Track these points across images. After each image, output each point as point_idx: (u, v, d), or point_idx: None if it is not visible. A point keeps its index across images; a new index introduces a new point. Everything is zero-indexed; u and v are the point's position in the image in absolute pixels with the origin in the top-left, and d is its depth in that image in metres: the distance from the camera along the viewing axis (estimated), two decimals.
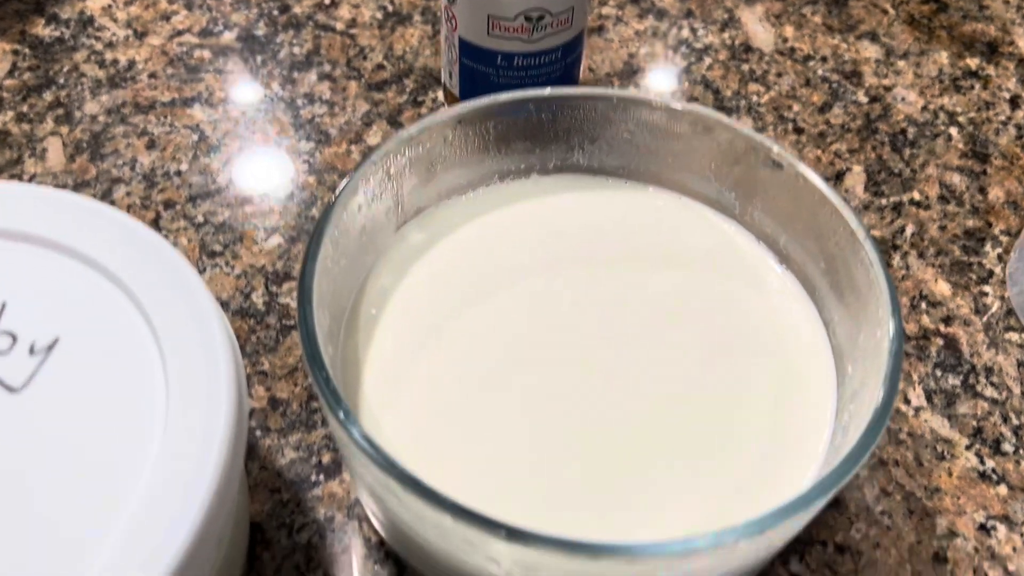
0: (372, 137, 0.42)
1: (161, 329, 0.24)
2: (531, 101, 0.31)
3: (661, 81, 0.46)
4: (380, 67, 0.46)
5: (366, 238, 0.30)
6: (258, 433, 0.31)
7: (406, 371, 0.28)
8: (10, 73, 0.44)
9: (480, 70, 0.39)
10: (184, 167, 0.40)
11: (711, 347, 0.29)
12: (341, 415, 0.23)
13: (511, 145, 0.32)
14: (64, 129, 0.41)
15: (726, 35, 0.49)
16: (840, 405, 0.27)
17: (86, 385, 0.23)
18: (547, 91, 0.31)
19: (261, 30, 0.47)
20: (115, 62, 0.45)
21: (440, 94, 0.44)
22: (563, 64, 0.39)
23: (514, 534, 0.20)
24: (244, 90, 0.44)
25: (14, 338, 0.24)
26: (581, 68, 0.41)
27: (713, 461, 0.26)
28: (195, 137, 0.42)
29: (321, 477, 0.30)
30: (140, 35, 0.46)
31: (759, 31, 0.49)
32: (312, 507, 0.30)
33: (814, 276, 0.30)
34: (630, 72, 0.47)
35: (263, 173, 0.40)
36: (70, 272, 0.25)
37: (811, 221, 0.29)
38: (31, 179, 0.39)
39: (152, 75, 0.44)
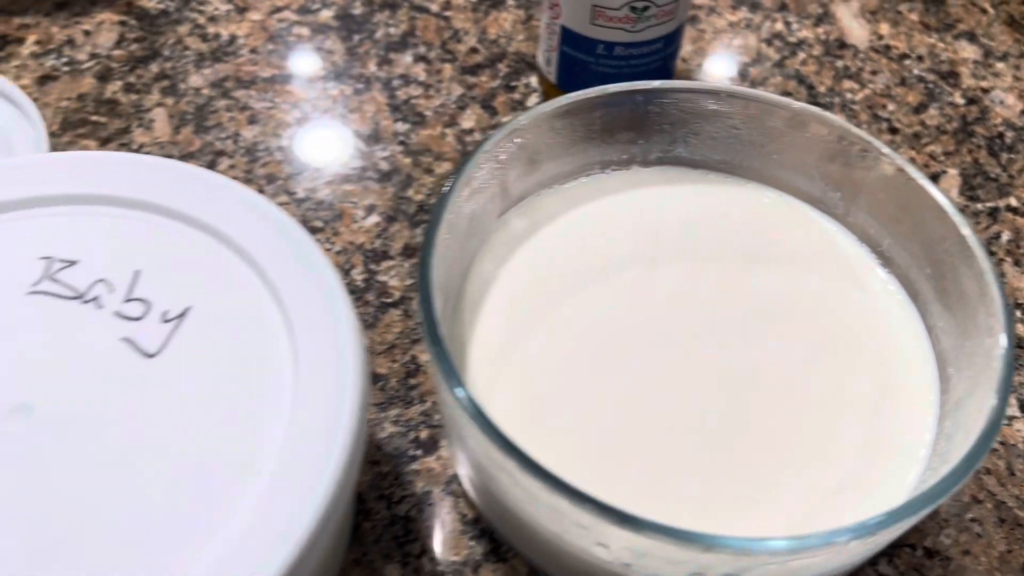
0: (466, 121, 0.43)
1: (289, 302, 0.25)
2: (639, 93, 0.32)
3: (754, 74, 0.46)
4: (474, 51, 0.46)
5: (473, 223, 0.30)
6: None
7: (509, 356, 0.29)
8: (117, 44, 0.45)
9: (580, 58, 0.39)
10: (285, 143, 0.41)
11: (813, 346, 0.29)
12: (460, 393, 0.23)
13: (615, 136, 0.33)
14: (169, 101, 0.43)
15: (820, 30, 0.48)
16: (943, 412, 0.27)
17: (216, 353, 0.24)
18: (656, 84, 0.32)
19: (358, 9, 0.48)
20: (217, 36, 0.46)
21: (533, 80, 0.45)
22: (663, 55, 0.39)
23: (631, 521, 0.21)
24: (342, 69, 0.45)
25: (148, 306, 0.25)
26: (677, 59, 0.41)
27: (814, 459, 0.27)
28: (296, 113, 0.42)
29: (419, 452, 0.31)
30: (241, 10, 0.47)
31: (854, 27, 0.49)
32: (410, 481, 0.31)
33: (918, 280, 0.30)
34: (722, 64, 0.46)
35: (361, 152, 0.41)
36: (199, 244, 0.26)
37: (918, 225, 0.29)
38: (138, 149, 0.40)
39: (253, 50, 0.45)
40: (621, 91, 0.31)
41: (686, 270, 0.31)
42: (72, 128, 0.41)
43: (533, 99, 0.44)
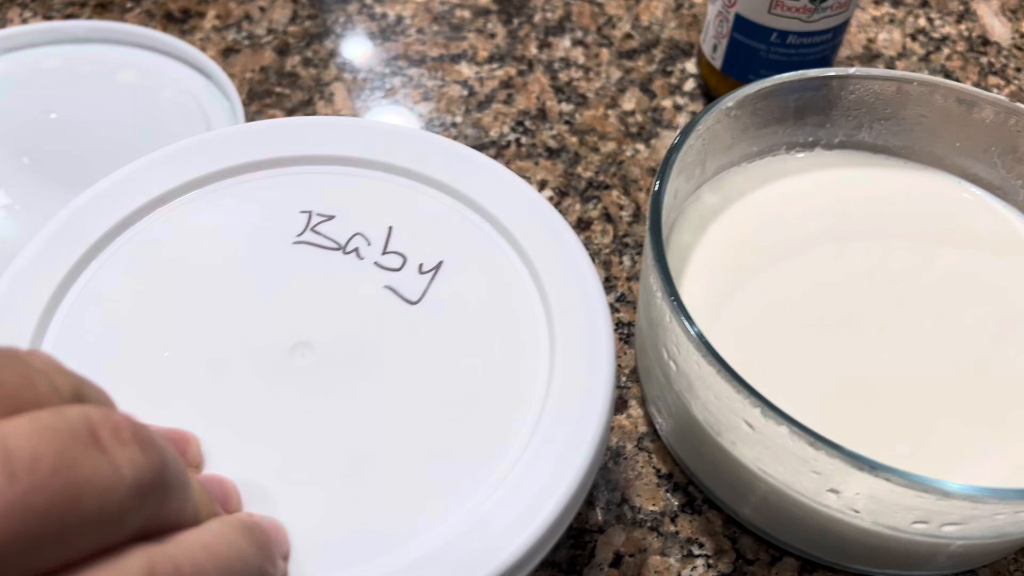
0: (627, 103, 0.44)
1: (533, 258, 0.27)
2: (836, 79, 0.33)
3: (903, 68, 0.47)
4: (628, 36, 0.48)
5: (675, 198, 0.32)
6: None
7: (714, 321, 0.30)
8: (292, 20, 0.48)
9: (751, 46, 0.40)
10: (459, 119, 0.43)
11: (1001, 322, 0.31)
12: (704, 345, 0.25)
13: (805, 118, 0.34)
14: (347, 75, 0.45)
15: (963, 26, 0.50)
16: None
17: (472, 303, 0.26)
18: (852, 70, 0.33)
19: None
20: (384, 16, 0.48)
21: (688, 66, 0.46)
22: (831, 45, 0.41)
23: (879, 468, 0.23)
24: (505, 50, 0.47)
25: (404, 258, 0.27)
26: None
27: (1010, 424, 0.28)
28: (465, 92, 0.45)
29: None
30: None
31: (996, 24, 0.50)
32: None
33: None
34: (869, 57, 0.48)
35: (528, 130, 0.43)
36: (443, 204, 0.29)
37: None
38: None
39: (420, 31, 0.48)
40: (819, 76, 0.33)
41: (874, 248, 0.33)
42: (259, 98, 0.44)
43: (690, 84, 0.46)
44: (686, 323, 0.26)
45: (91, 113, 0.42)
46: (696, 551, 0.30)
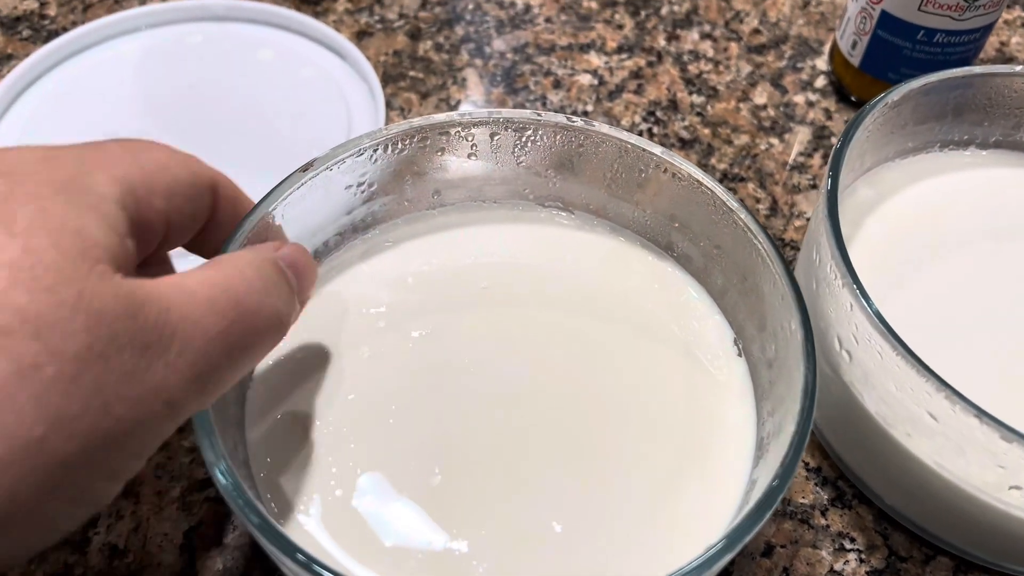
0: (758, 97, 0.44)
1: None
2: (999, 76, 0.33)
3: None
4: (756, 31, 0.48)
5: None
6: None
7: None
8: (422, 6, 0.48)
9: (895, 43, 0.40)
10: (590, 108, 0.44)
11: None
12: (901, 346, 0.25)
13: (963, 116, 0.34)
14: (478, 62, 0.46)
15: None
16: None
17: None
18: (1018, 68, 0.33)
19: None
20: (512, 4, 0.49)
21: (819, 63, 0.46)
22: (976, 45, 0.40)
23: None
24: (633, 41, 0.47)
25: None
26: None
27: None
28: (595, 81, 0.45)
29: None
30: None
31: None
32: None
33: None
34: (1002, 60, 0.47)
35: (660, 120, 0.43)
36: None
37: None
38: (455, 105, 0.43)
39: (548, 20, 0.48)
40: (985, 73, 0.33)
41: None
42: (393, 81, 0.44)
43: (820, 81, 0.45)
44: (870, 311, 0.26)
45: (235, 89, 0.43)
46: (848, 545, 0.30)
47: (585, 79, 0.45)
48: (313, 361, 0.27)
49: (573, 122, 0.29)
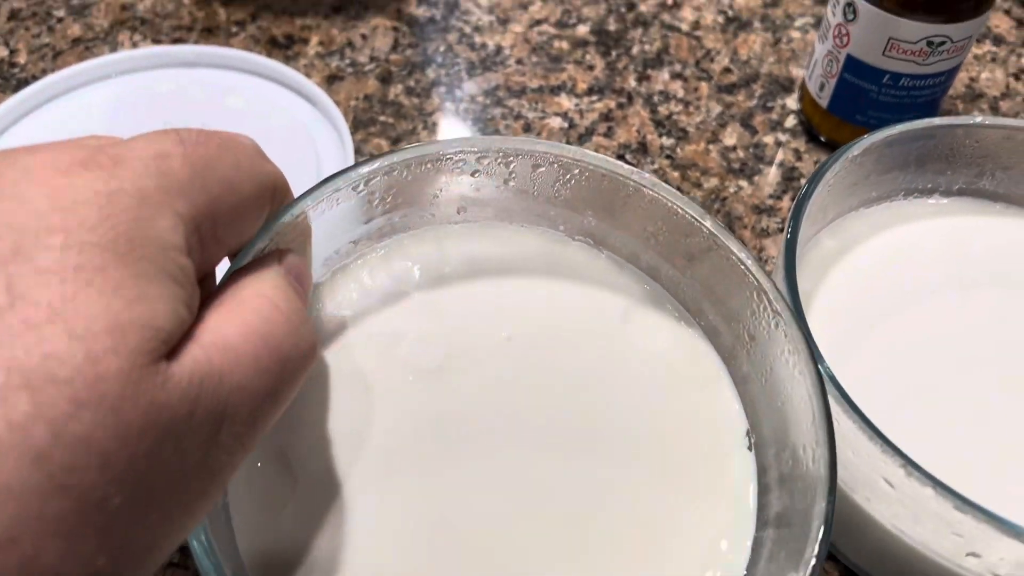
0: (728, 138, 0.44)
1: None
2: (961, 127, 0.33)
3: (1007, 108, 0.47)
4: (727, 70, 0.48)
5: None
6: None
7: (840, 370, 0.30)
8: (393, 48, 0.48)
9: (861, 86, 0.40)
10: None
11: None
12: (844, 401, 0.25)
13: (926, 165, 0.34)
14: (449, 105, 0.46)
15: None
16: None
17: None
18: (980, 119, 0.33)
19: (612, 25, 0.50)
20: (484, 46, 0.49)
21: (788, 102, 0.46)
22: (943, 86, 0.40)
23: None
24: (604, 82, 0.47)
25: None
26: None
27: None
28: (565, 124, 0.45)
29: None
30: (503, 21, 0.50)
31: None
32: None
33: None
34: (972, 96, 0.47)
35: (630, 164, 0.43)
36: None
37: None
38: None
39: (519, 61, 0.48)
40: (947, 124, 0.33)
41: (997, 296, 0.32)
42: (364, 127, 0.44)
43: (791, 120, 0.45)
44: (825, 375, 0.25)
45: None
46: None
47: (555, 122, 0.45)
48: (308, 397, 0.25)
49: (628, 176, 0.28)
